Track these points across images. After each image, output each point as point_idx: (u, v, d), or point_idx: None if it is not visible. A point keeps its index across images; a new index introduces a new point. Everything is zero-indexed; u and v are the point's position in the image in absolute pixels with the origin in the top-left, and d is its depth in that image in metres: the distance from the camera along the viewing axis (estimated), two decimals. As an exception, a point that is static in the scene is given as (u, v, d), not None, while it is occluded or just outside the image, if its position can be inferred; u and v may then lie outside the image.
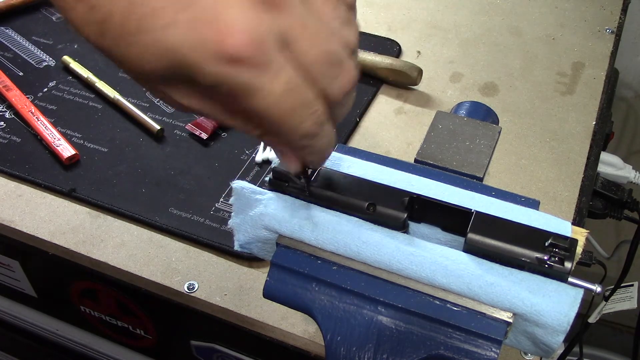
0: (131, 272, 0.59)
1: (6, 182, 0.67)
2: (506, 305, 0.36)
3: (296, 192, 0.41)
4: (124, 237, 0.62)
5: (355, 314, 0.38)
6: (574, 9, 0.88)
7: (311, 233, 0.39)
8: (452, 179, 0.43)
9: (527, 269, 0.37)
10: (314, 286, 0.39)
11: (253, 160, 0.68)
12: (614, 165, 0.90)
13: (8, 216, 0.63)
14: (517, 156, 0.69)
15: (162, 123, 0.72)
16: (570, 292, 0.35)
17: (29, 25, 0.85)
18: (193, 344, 0.66)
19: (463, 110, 0.54)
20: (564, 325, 0.35)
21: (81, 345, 0.78)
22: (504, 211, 0.39)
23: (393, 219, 0.39)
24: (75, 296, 0.69)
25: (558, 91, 0.77)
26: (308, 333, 0.55)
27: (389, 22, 0.87)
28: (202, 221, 0.62)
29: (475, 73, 0.79)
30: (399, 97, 0.76)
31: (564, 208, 0.64)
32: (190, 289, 0.57)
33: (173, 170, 0.67)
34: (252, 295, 0.57)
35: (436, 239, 0.41)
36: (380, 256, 0.38)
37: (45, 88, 0.77)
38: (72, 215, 0.63)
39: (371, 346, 0.37)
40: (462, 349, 0.36)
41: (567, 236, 0.37)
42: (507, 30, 0.85)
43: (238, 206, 0.43)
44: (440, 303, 0.37)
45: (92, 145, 0.70)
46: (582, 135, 0.71)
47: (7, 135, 0.71)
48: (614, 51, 0.82)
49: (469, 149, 0.47)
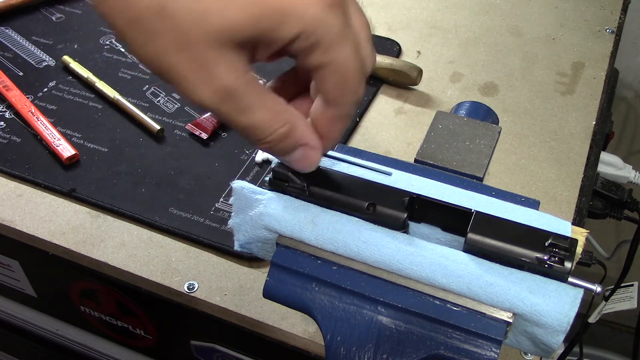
0: (131, 272, 0.59)
1: (6, 182, 0.67)
2: (506, 305, 0.36)
3: (296, 192, 0.41)
4: (124, 237, 0.62)
5: (355, 314, 0.38)
6: (574, 9, 0.88)
7: (311, 233, 0.39)
8: (452, 179, 0.43)
9: (527, 269, 0.37)
10: (314, 286, 0.39)
11: (253, 160, 0.68)
12: (614, 165, 0.90)
13: (8, 216, 0.63)
14: (517, 156, 0.69)
15: (162, 123, 0.72)
16: (570, 292, 0.35)
17: (29, 25, 0.85)
18: (193, 344, 0.66)
19: (463, 110, 0.54)
20: (564, 325, 0.35)
21: (81, 345, 0.78)
22: (504, 211, 0.39)
23: (393, 219, 0.39)
24: (75, 296, 0.69)
25: (558, 91, 0.77)
26: (308, 333, 0.55)
27: (389, 22, 0.87)
28: (202, 221, 0.62)
29: (475, 73, 0.79)
30: (399, 97, 0.76)
31: (564, 208, 0.64)
32: (190, 289, 0.57)
33: (173, 170, 0.67)
34: (252, 295, 0.57)
35: (436, 239, 0.41)
36: (380, 256, 0.38)
37: (45, 88, 0.77)
38: (72, 215, 0.63)
39: (371, 346, 0.37)
40: (462, 349, 0.36)
41: (567, 236, 0.37)
42: (507, 30, 0.85)
43: (238, 206, 0.43)
44: (440, 303, 0.37)
45: (92, 145, 0.70)
46: (582, 135, 0.71)
47: (7, 135, 0.71)
48: (614, 51, 0.82)
49: (469, 149, 0.47)
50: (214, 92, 0.33)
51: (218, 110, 0.34)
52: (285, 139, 0.36)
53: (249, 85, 0.34)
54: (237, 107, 0.34)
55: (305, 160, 0.38)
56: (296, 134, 0.36)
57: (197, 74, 0.32)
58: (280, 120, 0.35)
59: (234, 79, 0.33)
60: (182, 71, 0.32)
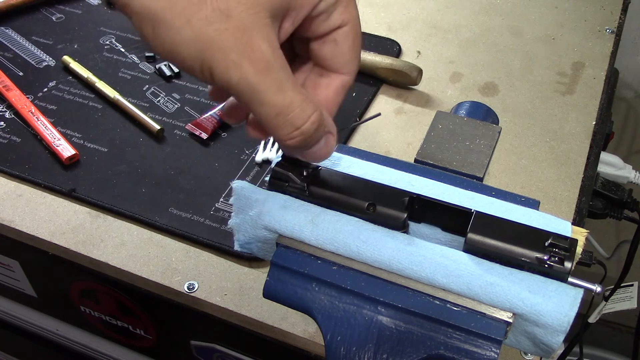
0: (131, 272, 0.59)
1: (6, 182, 0.67)
2: (506, 305, 0.36)
3: (296, 192, 0.41)
4: (124, 237, 0.62)
5: (355, 314, 0.38)
6: (574, 9, 0.88)
7: (311, 233, 0.39)
8: (452, 179, 0.43)
9: (527, 268, 0.37)
10: (314, 286, 0.39)
11: (253, 160, 0.68)
12: (614, 165, 0.90)
13: (8, 216, 0.63)
14: (517, 156, 0.69)
15: (162, 123, 0.72)
16: (570, 292, 0.35)
17: (29, 25, 0.85)
18: (193, 344, 0.66)
19: (463, 110, 0.54)
20: (564, 325, 0.35)
21: (81, 345, 0.78)
22: (504, 211, 0.39)
23: (393, 219, 0.39)
24: (75, 296, 0.69)
25: (558, 91, 0.77)
26: (308, 333, 0.55)
27: (389, 22, 0.87)
28: (202, 221, 0.62)
29: (475, 73, 0.79)
30: (399, 97, 0.76)
31: (564, 208, 0.64)
32: (190, 289, 0.57)
33: (173, 170, 0.67)
34: (252, 295, 0.57)
35: (436, 239, 0.41)
36: (380, 256, 0.38)
37: (45, 88, 0.77)
38: (72, 215, 0.63)
39: (371, 346, 0.37)
40: (462, 349, 0.36)
41: (567, 236, 0.37)
42: (507, 30, 0.85)
43: (238, 206, 0.43)
44: (440, 303, 0.37)
45: (92, 145, 0.70)
46: (582, 135, 0.71)
47: (7, 135, 0.71)
48: (614, 51, 0.82)
49: (469, 149, 0.47)
50: (253, 63, 0.31)
51: (253, 87, 0.31)
52: (319, 127, 0.34)
53: (283, 60, 0.33)
54: (273, 84, 0.32)
55: (327, 148, 0.37)
56: (327, 121, 0.35)
57: (238, 45, 0.30)
58: (313, 105, 0.34)
59: (272, 52, 0.32)
60: (224, 41, 0.30)
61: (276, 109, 0.32)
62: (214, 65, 0.31)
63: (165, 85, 0.77)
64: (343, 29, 0.36)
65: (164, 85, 0.77)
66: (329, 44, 0.36)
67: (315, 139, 0.35)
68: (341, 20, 0.35)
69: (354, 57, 0.37)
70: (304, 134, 0.34)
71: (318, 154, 0.37)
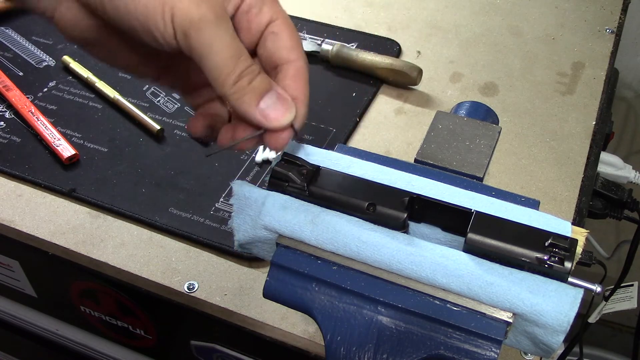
0: (131, 272, 0.59)
1: (6, 182, 0.67)
2: (506, 305, 0.36)
3: (296, 192, 0.41)
4: (124, 237, 0.62)
5: (355, 314, 0.38)
6: (574, 9, 0.88)
7: (311, 233, 0.39)
8: (452, 179, 0.43)
9: (527, 268, 0.37)
10: (314, 286, 0.39)
11: (253, 160, 0.68)
12: (614, 165, 0.90)
13: (8, 216, 0.63)
14: (517, 156, 0.69)
15: (162, 123, 0.72)
16: (570, 292, 0.35)
17: (29, 25, 0.85)
18: (193, 344, 0.66)
19: (463, 110, 0.54)
20: (564, 325, 0.35)
21: (81, 345, 0.78)
22: (504, 211, 0.39)
23: (393, 219, 0.39)
24: (75, 296, 0.69)
25: (558, 91, 0.77)
26: (308, 333, 0.55)
27: (389, 22, 0.87)
28: (202, 221, 0.62)
29: (475, 73, 0.79)
30: (399, 97, 0.76)
31: (564, 208, 0.64)
32: (190, 289, 0.57)
33: (173, 170, 0.67)
34: (252, 295, 0.57)
35: (436, 239, 0.41)
36: (380, 256, 0.38)
37: (45, 88, 0.77)
38: (72, 215, 0.63)
39: (371, 346, 0.37)
40: (462, 349, 0.36)
41: (567, 236, 0.37)
42: (507, 30, 0.85)
43: (238, 206, 0.43)
44: (440, 303, 0.37)
45: (92, 145, 0.70)
46: (582, 135, 0.71)
47: (7, 135, 0.71)
48: (614, 51, 0.82)
49: (469, 149, 0.47)
50: (211, 7, 0.34)
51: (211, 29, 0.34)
52: (257, 76, 0.37)
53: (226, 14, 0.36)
54: (229, 29, 0.35)
55: (281, 107, 0.37)
56: (266, 77, 0.38)
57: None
58: (249, 59, 0.37)
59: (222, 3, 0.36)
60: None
61: (231, 51, 0.35)
62: (175, 4, 0.34)
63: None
64: (276, 22, 0.39)
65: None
66: (270, 38, 0.39)
67: (259, 90, 0.37)
68: (272, 14, 0.39)
69: (296, 44, 0.39)
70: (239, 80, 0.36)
71: (273, 116, 0.37)
